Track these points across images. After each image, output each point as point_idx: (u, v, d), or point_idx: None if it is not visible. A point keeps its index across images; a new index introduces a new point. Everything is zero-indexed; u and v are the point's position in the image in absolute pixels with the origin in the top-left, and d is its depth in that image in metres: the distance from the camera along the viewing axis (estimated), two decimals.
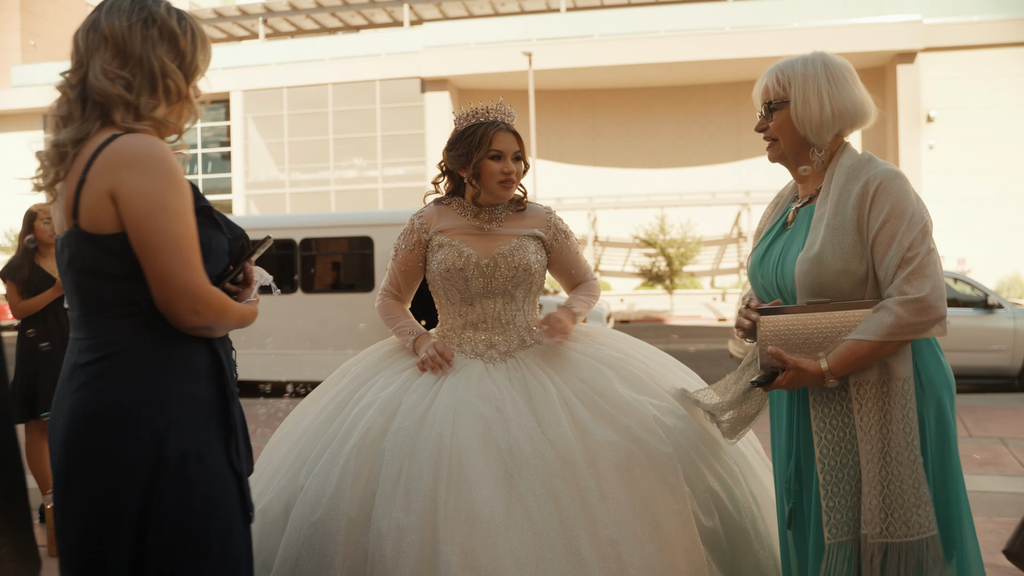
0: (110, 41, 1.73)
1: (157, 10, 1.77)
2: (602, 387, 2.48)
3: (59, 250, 1.77)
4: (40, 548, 4.12)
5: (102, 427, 1.68)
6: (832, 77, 2.17)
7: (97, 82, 1.72)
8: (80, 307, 1.74)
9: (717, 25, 28.80)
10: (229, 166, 32.97)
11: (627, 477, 2.29)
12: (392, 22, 36.91)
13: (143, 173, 1.67)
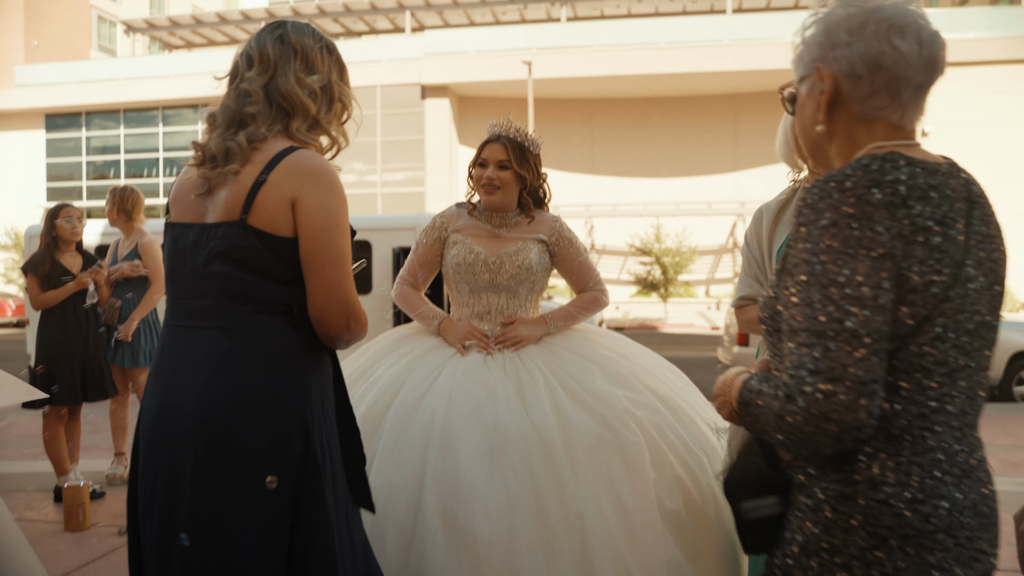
0: (300, 54, 1.90)
1: (332, 43, 1.98)
2: (585, 380, 2.72)
3: (198, 238, 1.82)
4: (55, 524, 4.34)
5: (253, 418, 1.75)
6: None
7: (289, 87, 1.86)
8: (222, 296, 1.79)
9: (716, 38, 29.03)
10: None
11: (597, 459, 2.51)
12: (394, 29, 37.14)
13: (324, 189, 1.79)
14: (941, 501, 1.30)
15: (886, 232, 1.27)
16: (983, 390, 1.40)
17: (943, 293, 1.30)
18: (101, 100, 33.31)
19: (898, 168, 1.32)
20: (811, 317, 1.28)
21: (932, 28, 1.40)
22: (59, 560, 3.95)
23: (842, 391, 1.23)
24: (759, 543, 1.50)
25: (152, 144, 33.96)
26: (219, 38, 38.80)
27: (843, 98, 1.43)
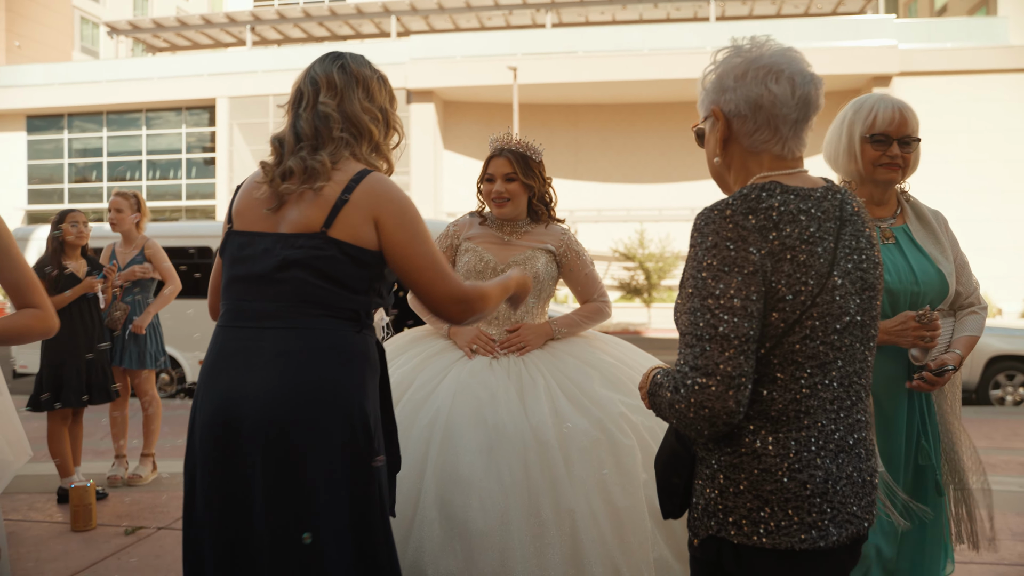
0: (361, 83, 2.07)
1: (384, 75, 2.16)
2: (584, 384, 2.86)
3: (271, 246, 1.98)
4: (61, 525, 4.42)
5: (320, 412, 1.90)
6: None
7: (356, 112, 2.04)
8: (295, 300, 1.95)
9: (699, 44, 29.31)
10: (213, 171, 33.06)
11: (591, 459, 2.66)
12: (379, 33, 37.20)
13: (400, 208, 1.99)
14: (816, 471, 1.57)
15: (757, 252, 1.53)
16: (860, 379, 1.67)
17: (810, 300, 1.56)
18: (84, 102, 33.17)
19: (773, 196, 1.59)
20: (693, 323, 1.55)
21: (807, 71, 1.67)
22: (69, 559, 4.04)
23: (714, 384, 1.51)
24: (672, 509, 1.78)
25: (135, 147, 33.83)
26: (203, 40, 38.70)
27: (734, 134, 1.71)
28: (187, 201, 32.99)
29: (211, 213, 32.55)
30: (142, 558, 4.09)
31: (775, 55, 1.67)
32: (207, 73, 32.50)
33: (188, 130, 33.59)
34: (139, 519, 4.73)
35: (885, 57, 27.44)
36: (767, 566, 1.59)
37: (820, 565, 1.60)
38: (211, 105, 32.69)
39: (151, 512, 4.88)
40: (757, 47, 1.69)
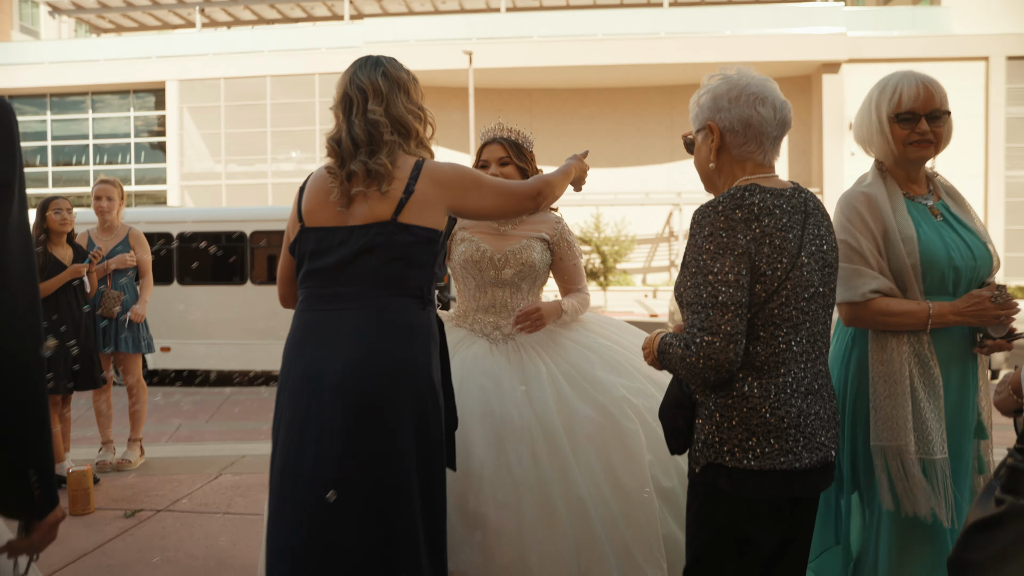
0: (402, 88, 2.34)
1: (415, 76, 2.44)
2: (585, 369, 2.94)
3: (346, 237, 2.24)
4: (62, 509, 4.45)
5: (395, 377, 2.18)
6: None
7: (401, 114, 2.31)
8: (370, 282, 2.23)
9: (652, 30, 29.59)
10: (163, 156, 32.45)
11: (597, 445, 2.76)
12: (331, 16, 36.80)
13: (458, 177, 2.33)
14: (791, 408, 1.99)
15: (744, 238, 1.95)
16: (823, 337, 2.09)
17: (784, 275, 1.97)
18: (25, 84, 32.25)
19: (754, 195, 2.00)
20: (697, 295, 1.96)
21: (783, 99, 2.11)
22: (74, 542, 4.08)
23: (718, 340, 1.92)
24: (677, 447, 2.16)
25: (81, 131, 33.03)
26: (151, 22, 37.88)
27: (726, 145, 2.12)
28: (136, 186, 32.32)
29: (162, 199, 31.98)
30: (146, 539, 4.14)
31: (760, 84, 2.09)
32: (155, 55, 31.85)
33: (136, 114, 32.90)
34: (136, 502, 4.76)
35: (834, 44, 28.00)
36: (755, 484, 1.98)
37: (795, 482, 2.00)
38: (160, 88, 32.04)
39: (146, 495, 4.91)
40: (743, 76, 2.11)
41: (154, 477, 5.37)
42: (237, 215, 13.47)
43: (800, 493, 2.04)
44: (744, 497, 2.00)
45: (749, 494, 1.99)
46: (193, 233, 12.43)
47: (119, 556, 3.90)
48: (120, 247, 5.76)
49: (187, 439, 7.61)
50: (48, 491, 1.44)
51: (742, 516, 2.02)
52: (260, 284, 12.14)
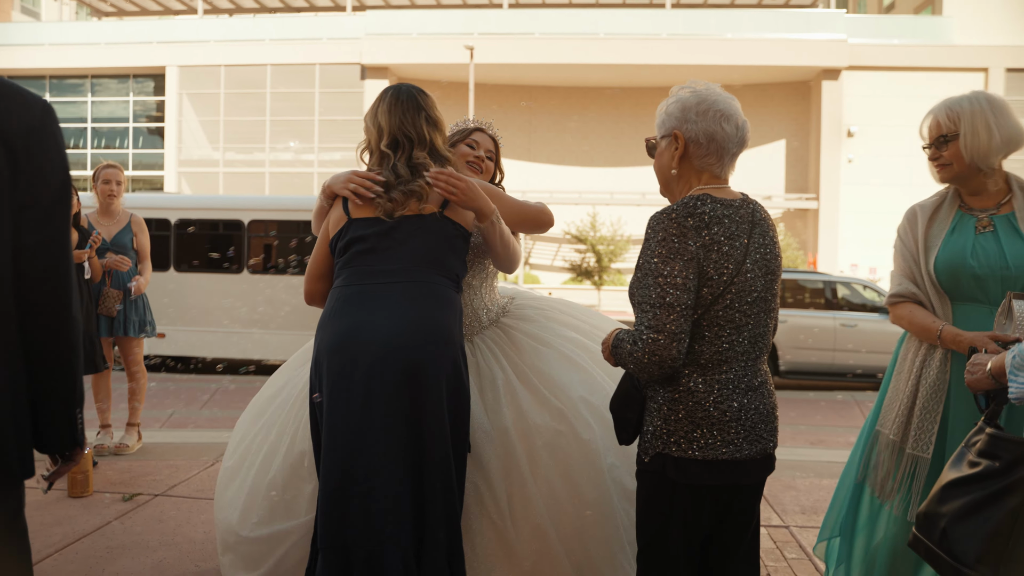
0: (439, 128, 2.70)
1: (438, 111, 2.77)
2: (542, 369, 2.90)
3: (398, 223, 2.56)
4: (58, 492, 4.49)
5: (432, 339, 2.48)
6: (997, 111, 2.61)
7: (439, 151, 2.68)
8: (416, 261, 2.54)
9: (654, 31, 29.66)
10: (161, 142, 32.42)
11: (555, 454, 2.74)
12: (334, 7, 36.76)
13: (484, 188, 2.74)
14: (732, 403, 2.15)
15: (694, 245, 2.11)
16: (764, 339, 2.25)
17: (730, 280, 2.13)
18: (24, 65, 32.16)
19: (705, 204, 2.16)
20: (647, 295, 2.12)
21: (743, 118, 2.28)
22: (73, 524, 4.12)
23: (662, 338, 2.07)
24: (627, 438, 2.32)
25: (80, 114, 32.96)
26: (152, 7, 37.76)
27: (688, 155, 2.27)
28: (134, 171, 32.29)
29: (159, 184, 31.95)
30: (146, 522, 4.19)
31: (727, 103, 2.25)
32: (156, 40, 31.80)
33: (135, 98, 32.85)
34: (133, 486, 4.81)
35: (835, 51, 28.12)
36: (699, 472, 2.15)
37: (737, 471, 2.16)
38: (160, 73, 32.00)
39: (144, 480, 4.96)
40: (712, 92, 2.26)
41: (151, 462, 5.41)
42: (235, 203, 13.50)
43: (741, 481, 2.21)
44: (690, 485, 2.16)
45: (694, 482, 2.16)
46: (191, 220, 12.46)
47: (118, 538, 3.95)
48: (122, 233, 5.79)
49: (181, 425, 7.65)
50: (82, 427, 1.86)
51: (688, 503, 2.18)
52: (256, 273, 12.18)
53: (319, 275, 2.69)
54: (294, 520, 2.87)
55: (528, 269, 31.57)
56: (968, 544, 1.91)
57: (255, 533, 2.96)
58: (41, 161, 1.70)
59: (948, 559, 1.94)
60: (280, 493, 2.94)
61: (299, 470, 2.91)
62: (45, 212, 1.70)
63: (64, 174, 1.75)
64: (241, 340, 11.96)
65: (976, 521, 1.91)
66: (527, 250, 31.80)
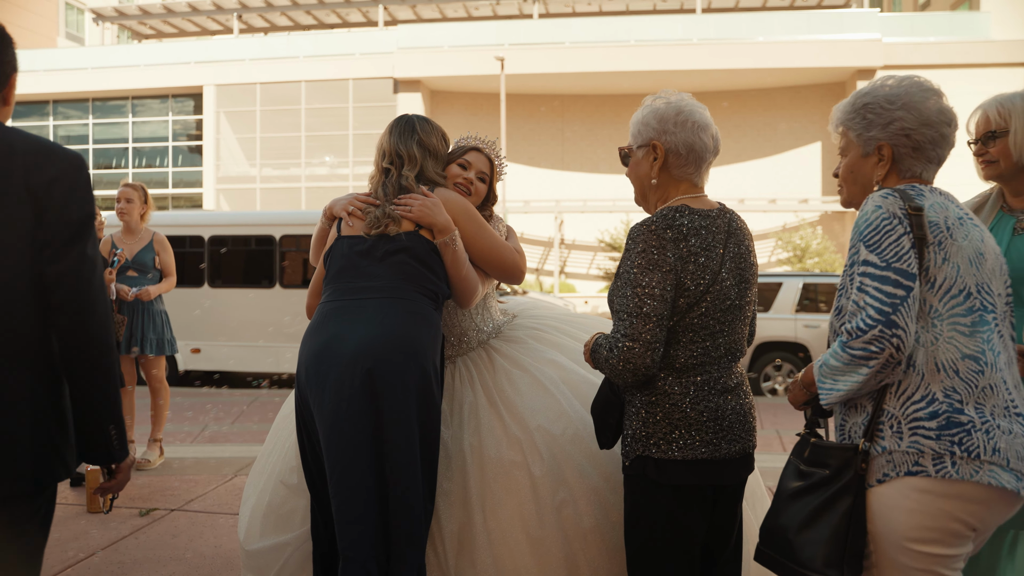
0: (432, 153, 2.86)
1: (441, 129, 2.94)
2: (509, 395, 2.86)
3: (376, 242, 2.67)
4: (76, 507, 4.59)
5: (404, 350, 2.53)
6: None
7: (430, 174, 2.83)
8: (395, 277, 2.63)
9: (685, 36, 29.53)
10: (199, 160, 33.02)
11: (508, 487, 2.70)
12: (366, 22, 37.18)
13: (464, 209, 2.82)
14: (709, 403, 2.22)
15: (672, 256, 2.18)
16: (739, 345, 2.32)
17: (706, 289, 2.21)
18: (69, 89, 33.01)
19: (683, 216, 2.24)
20: (624, 304, 2.18)
21: (716, 127, 2.35)
22: (88, 539, 4.22)
23: (637, 346, 2.15)
24: (607, 441, 2.43)
25: (121, 134, 33.72)
26: (190, 28, 38.53)
27: (667, 165, 2.34)
28: (173, 189, 32.95)
29: (198, 202, 32.54)
30: (159, 537, 4.28)
31: (703, 114, 2.33)
32: (193, 60, 32.42)
33: (174, 118, 33.51)
34: (151, 501, 4.91)
35: (869, 51, 27.76)
36: (680, 472, 2.20)
37: (717, 470, 2.23)
38: (198, 93, 32.61)
39: (162, 495, 5.06)
40: (687, 103, 2.33)
41: (172, 477, 5.52)
42: (267, 219, 13.69)
43: (722, 481, 2.26)
44: (672, 485, 2.21)
45: (675, 482, 2.21)
46: (224, 236, 12.66)
47: (130, 554, 4.04)
48: (144, 251, 5.92)
49: (213, 440, 7.77)
50: (122, 441, 2.03)
51: (672, 504, 2.23)
52: (289, 288, 12.33)
53: (317, 291, 2.83)
54: (291, 533, 2.95)
55: (564, 278, 31.56)
56: (814, 550, 1.98)
57: (254, 546, 3.05)
58: (63, 205, 1.93)
59: (796, 567, 2.01)
60: (278, 508, 3.01)
61: (293, 486, 2.98)
62: (63, 248, 1.92)
63: (83, 214, 1.96)
64: (275, 354, 12.11)
65: (817, 528, 1.99)
66: (562, 259, 31.79)
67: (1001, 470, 1.88)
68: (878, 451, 1.95)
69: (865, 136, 2.14)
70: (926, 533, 1.90)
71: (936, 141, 2.12)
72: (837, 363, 1.95)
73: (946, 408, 1.91)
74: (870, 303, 1.89)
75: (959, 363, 1.94)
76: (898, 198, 1.99)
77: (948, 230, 2.00)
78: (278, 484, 3.03)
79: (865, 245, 1.95)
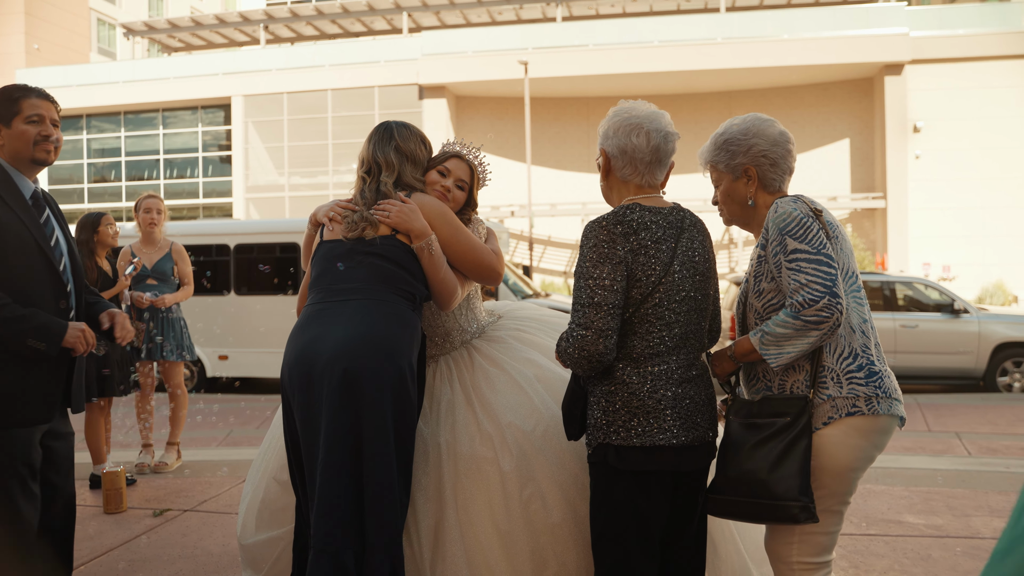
0: (410, 159, 2.93)
1: (422, 133, 3.01)
2: (484, 392, 2.91)
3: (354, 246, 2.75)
4: (94, 508, 4.70)
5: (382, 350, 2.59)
6: None
7: (408, 179, 2.91)
8: (372, 280, 2.71)
9: (709, 36, 29.36)
10: (229, 170, 33.43)
11: (478, 481, 2.75)
12: (391, 29, 37.42)
13: (440, 212, 2.88)
14: (667, 392, 2.32)
15: (622, 249, 2.30)
16: (696, 335, 2.43)
17: (658, 280, 2.32)
18: (101, 103, 33.60)
19: (634, 212, 2.37)
20: (579, 296, 2.31)
21: (663, 129, 2.46)
22: (103, 539, 4.32)
23: (590, 334, 2.26)
24: (574, 432, 2.50)
25: (153, 146, 34.26)
26: (218, 40, 39.05)
27: (611, 169, 2.51)
28: (204, 199, 33.40)
29: (228, 211, 32.94)
30: (170, 536, 4.37)
31: (641, 117, 2.44)
32: (222, 72, 32.85)
33: (204, 129, 33.97)
34: (166, 502, 5.01)
35: (896, 45, 27.41)
36: (639, 458, 2.30)
37: (675, 457, 2.32)
38: (226, 104, 33.04)
39: (177, 496, 5.16)
40: (628, 110, 2.48)
41: (188, 479, 5.62)
42: (291, 227, 13.84)
43: (680, 467, 2.35)
44: (632, 472, 2.31)
45: (635, 468, 2.31)
46: (250, 244, 12.83)
47: (142, 552, 4.13)
48: (162, 260, 6.03)
49: (236, 444, 7.88)
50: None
51: (634, 490, 2.32)
52: None
53: (306, 294, 2.92)
54: (284, 527, 3.02)
55: None
56: (789, 483, 2.28)
57: (250, 540, 3.12)
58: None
59: (772, 501, 2.29)
60: (271, 504, 3.09)
61: (285, 482, 3.05)
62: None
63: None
64: None
65: (786, 466, 2.29)
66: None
67: (898, 403, 2.38)
68: (823, 399, 2.35)
69: (732, 164, 2.55)
70: (861, 463, 2.36)
71: (785, 156, 2.53)
72: (786, 331, 2.28)
73: (866, 361, 2.37)
74: (813, 280, 2.25)
75: (862, 326, 2.39)
76: (803, 202, 2.39)
77: (834, 227, 2.41)
78: (271, 481, 3.12)
79: (792, 237, 2.32)
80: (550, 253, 31.29)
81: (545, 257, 31.25)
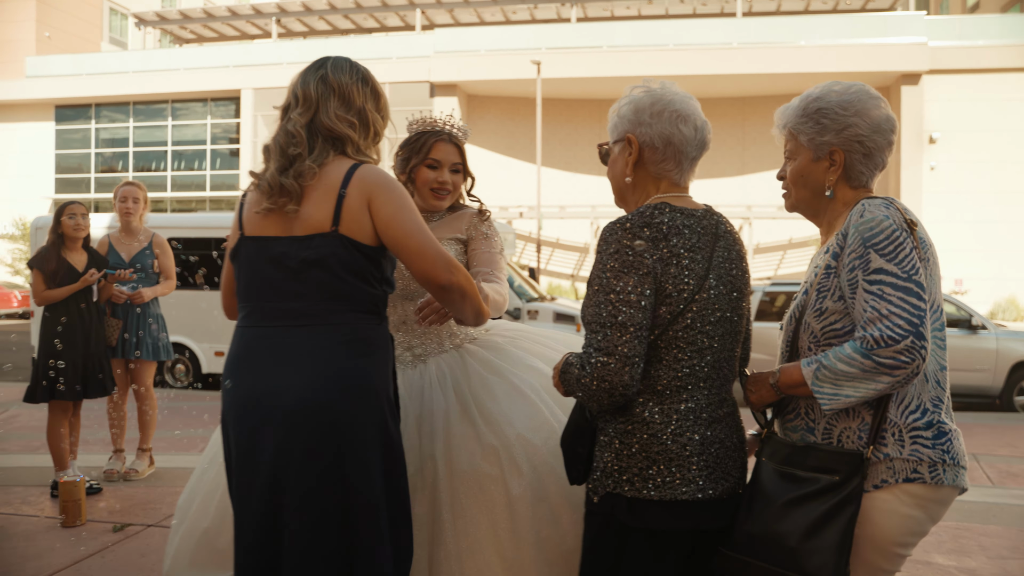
0: (337, 92, 2.19)
1: (368, 73, 2.29)
2: (485, 402, 2.56)
3: (288, 249, 2.11)
4: (51, 520, 4.38)
5: (358, 397, 2.09)
6: None
7: (330, 122, 2.16)
8: (323, 298, 2.10)
9: (725, 40, 29.01)
10: (237, 163, 33.21)
11: (480, 504, 2.42)
12: (404, 26, 37.16)
13: (389, 189, 2.13)
14: (694, 436, 1.91)
15: (650, 257, 1.88)
16: (729, 364, 2.03)
17: (691, 297, 1.91)
18: (111, 92, 33.43)
19: (664, 214, 1.94)
20: (597, 314, 1.88)
21: (703, 118, 2.07)
22: (52, 556, 4.00)
23: (613, 362, 1.84)
24: (577, 476, 2.07)
25: (161, 137, 34.07)
26: (230, 32, 38.87)
27: (643, 161, 2.06)
28: (211, 192, 33.19)
29: (235, 204, 32.77)
30: (126, 556, 4.04)
31: (684, 102, 2.05)
32: (232, 64, 32.65)
33: (213, 121, 33.76)
34: (130, 515, 4.69)
35: (914, 54, 26.98)
36: (656, 515, 1.90)
37: (699, 513, 1.92)
38: (236, 96, 32.81)
39: (143, 509, 4.84)
40: (667, 91, 2.06)
41: (157, 489, 5.30)
42: None
43: (703, 525, 1.95)
44: (645, 530, 1.91)
45: (650, 525, 1.91)
46: None
47: (91, 574, 3.80)
48: (142, 253, 5.73)
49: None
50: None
51: (645, 553, 1.93)
52: None
53: (231, 290, 2.35)
54: (227, 573, 2.63)
55: None
56: (824, 558, 1.84)
57: None
58: None
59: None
60: (214, 539, 2.71)
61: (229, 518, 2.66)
62: None
63: None
64: None
65: (825, 535, 1.85)
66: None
67: (963, 472, 1.94)
68: (879, 458, 1.91)
69: (818, 140, 2.06)
70: (911, 537, 1.94)
71: (883, 148, 2.06)
72: (851, 369, 1.83)
73: (936, 419, 1.93)
74: (897, 312, 1.80)
75: (938, 374, 1.96)
76: (896, 210, 1.93)
77: (926, 247, 1.96)
78: (216, 509, 2.71)
79: (878, 253, 1.86)
80: (558, 256, 30.97)
81: (553, 260, 30.93)
